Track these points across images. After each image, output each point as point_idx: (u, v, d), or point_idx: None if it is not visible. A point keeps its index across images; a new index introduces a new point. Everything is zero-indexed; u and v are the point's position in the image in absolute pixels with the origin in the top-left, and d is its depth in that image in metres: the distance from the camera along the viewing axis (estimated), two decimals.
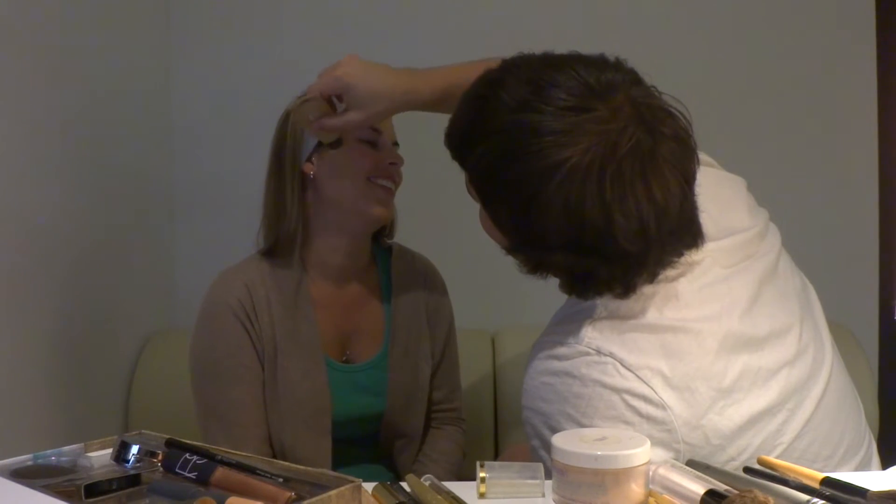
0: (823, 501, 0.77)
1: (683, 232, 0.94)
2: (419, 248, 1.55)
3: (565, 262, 0.93)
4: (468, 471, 1.42)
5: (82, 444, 0.94)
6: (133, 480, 0.85)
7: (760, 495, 0.74)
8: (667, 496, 0.83)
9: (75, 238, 1.65)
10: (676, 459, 0.92)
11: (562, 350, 0.97)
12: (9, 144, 1.43)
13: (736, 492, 0.76)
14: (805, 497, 0.78)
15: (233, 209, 2.04)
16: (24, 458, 0.90)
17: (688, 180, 0.91)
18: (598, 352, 0.94)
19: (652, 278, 0.95)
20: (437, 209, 2.02)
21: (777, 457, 0.95)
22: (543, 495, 0.89)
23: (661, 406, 0.92)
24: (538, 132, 0.87)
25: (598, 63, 0.92)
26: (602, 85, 0.89)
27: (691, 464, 0.90)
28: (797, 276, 1.10)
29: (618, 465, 0.80)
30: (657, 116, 0.89)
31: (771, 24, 2.05)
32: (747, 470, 0.90)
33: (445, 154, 2.15)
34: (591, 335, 0.95)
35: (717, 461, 0.93)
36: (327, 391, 1.35)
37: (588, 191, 0.86)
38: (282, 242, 1.36)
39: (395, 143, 1.40)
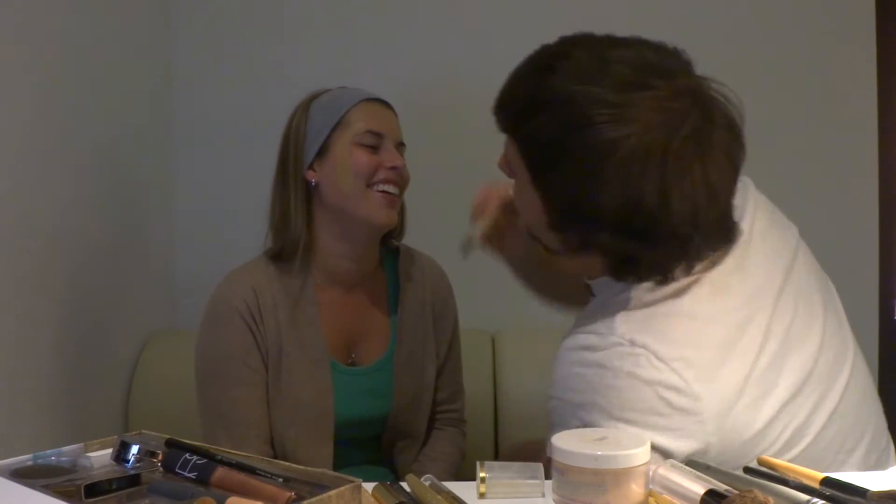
0: (823, 501, 0.77)
1: (722, 223, 0.95)
2: (420, 248, 1.54)
3: (612, 242, 0.93)
4: (468, 471, 1.42)
5: (82, 444, 0.94)
6: (133, 480, 0.85)
7: (760, 495, 0.74)
8: (667, 496, 0.83)
9: (76, 238, 1.65)
10: (707, 453, 0.92)
11: (594, 340, 0.96)
12: (9, 146, 1.43)
13: (736, 492, 0.76)
14: (805, 497, 0.78)
15: (233, 210, 2.05)
16: (24, 458, 0.90)
17: (737, 171, 0.93)
18: (632, 343, 0.94)
19: (689, 269, 0.96)
20: (438, 209, 2.02)
21: (804, 448, 0.96)
22: (543, 495, 0.89)
23: (694, 397, 0.92)
24: (603, 104, 0.88)
25: (660, 47, 0.94)
26: (665, 66, 0.91)
27: (691, 464, 0.90)
28: (818, 269, 1.12)
29: (618, 465, 0.80)
30: (714, 104, 0.91)
31: (771, 25, 2.05)
32: (747, 470, 0.90)
33: (447, 154, 2.15)
34: (625, 326, 0.95)
35: (751, 456, 0.93)
36: (331, 395, 1.35)
37: (649, 168, 0.87)
38: (287, 249, 1.35)
39: (402, 144, 1.39)
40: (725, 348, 0.94)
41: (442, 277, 1.52)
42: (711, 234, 0.94)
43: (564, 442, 0.83)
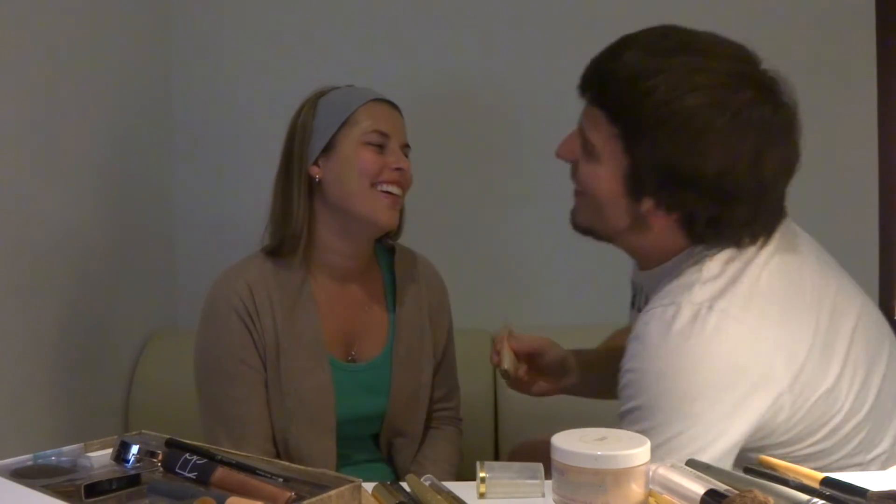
0: (823, 501, 0.77)
1: (783, 197, 1.06)
2: (420, 248, 1.55)
3: (696, 202, 1.01)
4: (468, 471, 1.42)
5: (82, 444, 0.94)
6: (133, 480, 0.85)
7: (760, 495, 0.74)
8: (667, 496, 0.83)
9: (76, 238, 1.65)
10: (780, 411, 0.98)
11: (672, 312, 1.01)
12: (11, 148, 1.43)
13: (736, 492, 0.77)
14: (805, 497, 0.78)
15: (234, 210, 2.05)
16: (24, 458, 0.90)
17: (798, 154, 1.04)
18: (710, 309, 0.99)
19: (754, 239, 1.04)
20: (439, 209, 2.02)
21: (868, 411, 1.02)
22: (543, 495, 0.89)
23: (769, 357, 0.98)
24: (706, 71, 0.99)
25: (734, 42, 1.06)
26: (749, 53, 1.04)
27: (691, 463, 0.90)
28: None
29: (618, 465, 0.80)
30: (784, 88, 1.04)
31: (770, 25, 2.05)
32: (747, 470, 0.90)
33: (447, 154, 2.14)
34: (701, 295, 1.01)
35: (824, 419, 1.00)
36: (331, 390, 1.35)
37: (748, 135, 0.98)
38: (286, 243, 1.36)
39: (406, 146, 1.40)
40: (793, 308, 1.02)
41: (437, 277, 1.53)
42: (777, 205, 1.06)
43: (564, 442, 0.83)
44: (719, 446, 0.97)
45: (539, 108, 2.05)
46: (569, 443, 0.83)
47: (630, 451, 0.81)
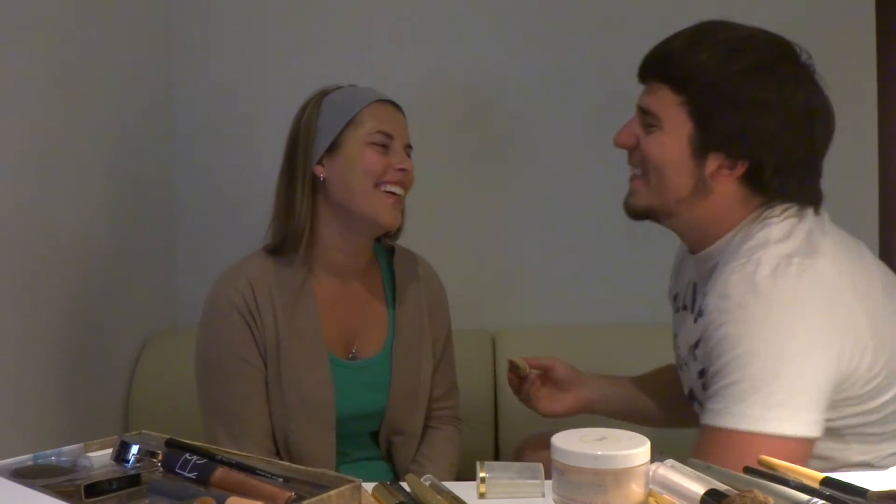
0: (823, 501, 0.77)
1: (821, 173, 1.18)
2: (420, 248, 1.55)
3: (763, 152, 1.11)
4: (468, 471, 1.43)
5: (82, 444, 0.94)
6: (133, 480, 0.85)
7: (760, 495, 0.74)
8: (667, 496, 0.83)
9: (77, 239, 1.65)
10: (864, 357, 1.05)
11: (752, 266, 1.08)
12: (12, 148, 1.43)
13: (736, 492, 0.77)
14: (805, 497, 0.78)
15: (234, 211, 2.05)
16: (24, 458, 0.90)
17: (833, 130, 1.18)
18: (789, 263, 1.06)
19: (807, 202, 1.15)
20: (439, 209, 2.02)
21: None
22: (543, 495, 0.89)
23: (849, 302, 1.06)
24: (761, 41, 1.16)
25: None
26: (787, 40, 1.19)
27: (691, 464, 0.90)
28: None
29: (618, 465, 0.80)
30: (817, 73, 1.18)
31: (770, 26, 2.05)
32: (747, 470, 0.90)
33: (447, 155, 2.15)
34: (777, 251, 1.08)
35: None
36: (331, 387, 1.36)
37: (799, 94, 1.12)
38: (289, 241, 1.36)
39: (409, 147, 1.41)
40: (860, 266, 1.13)
41: (436, 278, 1.54)
42: (819, 176, 1.18)
43: (564, 442, 0.83)
44: (816, 387, 1.02)
45: (540, 109, 2.05)
46: (569, 443, 0.83)
47: (630, 451, 0.81)
